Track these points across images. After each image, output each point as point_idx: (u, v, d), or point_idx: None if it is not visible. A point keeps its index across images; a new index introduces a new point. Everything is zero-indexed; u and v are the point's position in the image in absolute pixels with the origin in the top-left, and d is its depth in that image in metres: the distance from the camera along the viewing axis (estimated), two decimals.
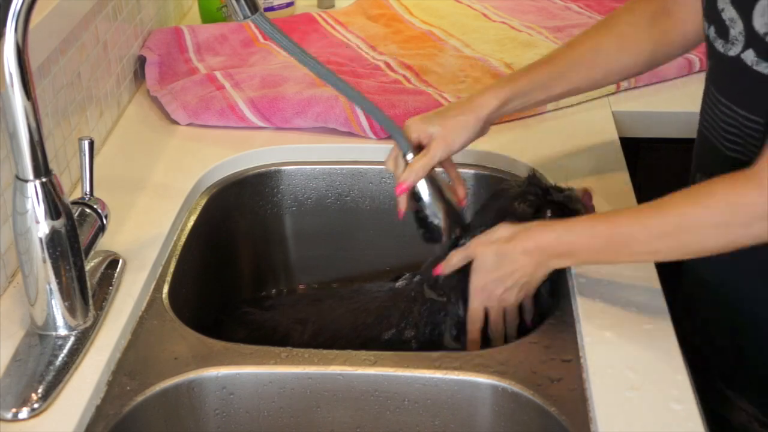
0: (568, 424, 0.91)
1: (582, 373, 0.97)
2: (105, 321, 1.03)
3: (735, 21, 0.99)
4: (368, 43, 1.74)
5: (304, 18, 1.88)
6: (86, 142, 1.05)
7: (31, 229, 0.93)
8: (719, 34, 1.02)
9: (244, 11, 1.01)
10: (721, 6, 1.01)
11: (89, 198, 1.08)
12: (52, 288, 0.96)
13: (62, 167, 1.24)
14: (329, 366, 1.00)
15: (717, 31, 1.02)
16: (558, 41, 1.73)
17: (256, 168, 1.39)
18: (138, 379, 0.97)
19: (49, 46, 1.16)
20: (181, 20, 1.91)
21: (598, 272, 1.09)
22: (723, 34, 1.01)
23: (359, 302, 1.21)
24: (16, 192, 0.93)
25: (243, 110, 1.45)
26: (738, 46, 0.99)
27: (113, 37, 1.46)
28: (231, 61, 1.65)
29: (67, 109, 1.26)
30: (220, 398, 1.01)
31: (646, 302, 1.05)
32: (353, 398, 1.00)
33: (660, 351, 0.98)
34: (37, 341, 0.98)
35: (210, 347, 1.02)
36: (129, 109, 1.52)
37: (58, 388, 0.93)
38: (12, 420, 0.89)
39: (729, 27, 1.00)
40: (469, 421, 1.00)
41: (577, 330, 1.02)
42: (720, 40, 1.02)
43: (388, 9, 1.92)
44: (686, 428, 0.88)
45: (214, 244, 1.33)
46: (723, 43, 1.02)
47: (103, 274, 1.08)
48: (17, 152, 0.91)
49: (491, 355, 1.01)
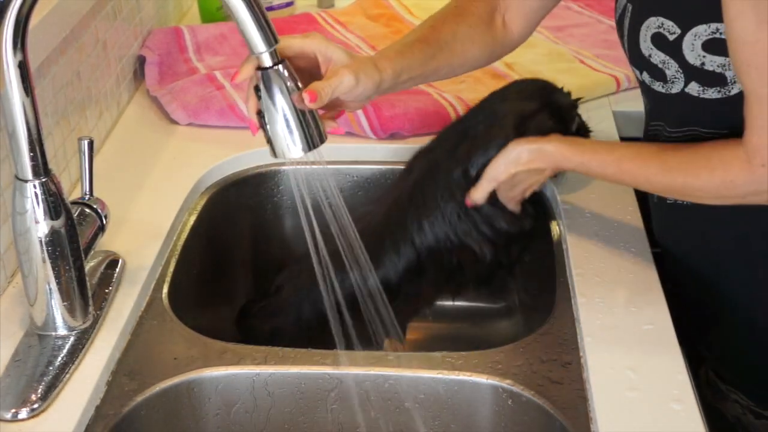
0: (568, 424, 0.91)
1: (582, 373, 0.97)
2: (105, 321, 1.03)
3: (667, 62, 1.03)
4: (368, 43, 1.74)
5: (304, 18, 1.88)
6: (86, 142, 1.05)
7: (30, 229, 0.93)
8: (655, 78, 1.05)
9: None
10: (647, 53, 1.04)
11: (89, 198, 1.08)
12: (51, 288, 0.96)
13: (62, 167, 1.24)
14: (329, 366, 1.00)
15: (652, 76, 1.06)
16: (558, 41, 1.73)
17: (256, 168, 1.39)
18: (138, 380, 0.97)
19: (48, 45, 1.16)
20: (181, 20, 1.91)
21: (598, 272, 1.09)
22: (660, 77, 1.05)
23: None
24: (15, 192, 0.93)
25: (243, 110, 1.45)
26: (678, 83, 1.03)
27: (113, 37, 1.46)
28: (231, 61, 1.65)
29: (67, 109, 1.26)
30: (220, 398, 1.00)
31: (646, 302, 1.05)
32: (353, 398, 1.00)
33: (660, 351, 0.97)
34: (36, 341, 0.98)
35: (210, 347, 1.02)
36: (128, 109, 1.52)
37: (57, 388, 0.93)
38: (12, 420, 0.89)
39: (663, 69, 1.04)
40: (469, 421, 1.00)
41: (577, 330, 1.02)
42: (658, 82, 1.06)
43: (388, 9, 1.92)
44: (686, 428, 0.88)
45: (214, 244, 1.32)
46: (662, 84, 1.05)
47: (103, 274, 1.08)
48: (16, 152, 0.90)
49: (491, 356, 1.01)
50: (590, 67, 1.59)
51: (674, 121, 1.08)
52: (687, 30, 0.99)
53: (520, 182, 1.13)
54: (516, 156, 1.11)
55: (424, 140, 1.40)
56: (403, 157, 1.39)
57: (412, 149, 1.39)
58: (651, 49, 1.04)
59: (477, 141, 1.16)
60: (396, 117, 1.40)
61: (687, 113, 1.06)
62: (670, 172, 1.01)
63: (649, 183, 1.05)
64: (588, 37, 1.75)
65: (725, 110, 0.99)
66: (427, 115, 1.42)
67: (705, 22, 0.97)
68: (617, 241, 1.15)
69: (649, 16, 1.03)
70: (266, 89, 0.93)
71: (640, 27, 1.04)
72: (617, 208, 1.21)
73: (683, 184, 1.01)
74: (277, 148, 0.95)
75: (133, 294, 1.07)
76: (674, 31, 1.00)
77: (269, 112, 0.93)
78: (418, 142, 1.40)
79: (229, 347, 1.03)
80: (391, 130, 1.40)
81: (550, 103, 1.18)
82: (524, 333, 1.07)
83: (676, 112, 1.08)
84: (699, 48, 0.99)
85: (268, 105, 0.93)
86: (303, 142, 0.95)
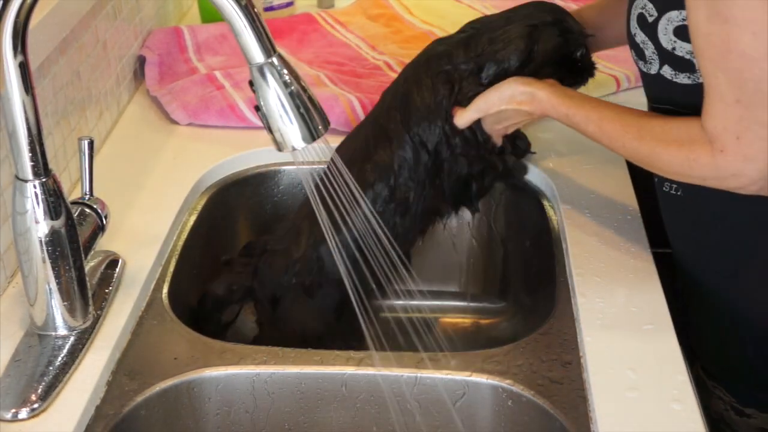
0: (568, 424, 0.91)
1: (582, 373, 0.97)
2: (105, 321, 1.03)
3: (646, 43, 1.06)
4: (368, 43, 1.74)
5: (304, 18, 1.88)
6: (86, 142, 1.05)
7: (30, 229, 0.93)
8: (638, 56, 1.09)
9: None
10: (633, 31, 1.08)
11: (89, 198, 1.08)
12: (51, 288, 0.96)
13: (62, 167, 1.24)
14: (329, 366, 1.00)
15: (636, 54, 1.10)
16: None
17: (256, 168, 1.39)
18: (138, 379, 0.97)
19: (48, 45, 1.16)
20: (181, 20, 1.91)
21: (598, 272, 1.09)
22: (641, 55, 1.08)
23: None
24: (15, 192, 0.93)
25: (243, 110, 1.45)
26: (655, 64, 1.06)
27: (113, 37, 1.46)
28: (231, 61, 1.65)
29: (67, 109, 1.26)
30: (220, 398, 1.00)
31: (646, 302, 1.05)
32: (353, 398, 1.00)
33: (660, 351, 0.97)
34: (36, 341, 0.98)
35: (210, 347, 1.02)
36: (129, 109, 1.52)
37: (57, 388, 0.93)
38: (12, 420, 0.89)
39: (643, 49, 1.07)
40: (469, 421, 1.00)
41: (577, 330, 1.02)
42: (641, 61, 1.09)
43: (388, 9, 1.92)
44: (686, 428, 0.88)
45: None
46: (643, 63, 1.09)
47: (103, 274, 1.08)
48: (16, 152, 0.90)
49: (491, 356, 1.01)
50: None
51: (656, 99, 1.12)
52: (662, 14, 1.03)
53: (507, 119, 1.18)
54: (509, 94, 1.15)
55: None
56: None
57: None
58: (636, 28, 1.07)
59: (491, 37, 1.20)
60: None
61: (664, 94, 1.09)
62: (643, 139, 1.03)
63: (624, 148, 1.07)
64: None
65: (696, 95, 1.00)
66: None
67: (677, 8, 1.00)
68: (617, 241, 1.15)
69: None
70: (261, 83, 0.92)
71: (632, 6, 1.08)
72: (617, 208, 1.21)
73: (650, 152, 1.03)
74: (279, 141, 0.94)
75: (133, 294, 1.07)
76: (653, 14, 1.04)
77: (267, 105, 0.92)
78: None
79: (229, 347, 1.03)
80: None
81: (561, 21, 1.21)
82: (524, 333, 1.07)
83: (656, 91, 1.11)
84: (671, 33, 1.02)
85: (265, 99, 0.92)
86: (305, 133, 0.94)
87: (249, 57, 0.90)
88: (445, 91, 1.18)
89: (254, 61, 0.90)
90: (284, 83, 0.91)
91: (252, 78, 0.91)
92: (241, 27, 0.88)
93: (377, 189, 1.18)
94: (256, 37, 0.88)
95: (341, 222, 1.08)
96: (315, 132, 0.93)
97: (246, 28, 0.88)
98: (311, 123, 0.93)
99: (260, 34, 0.88)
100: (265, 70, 0.90)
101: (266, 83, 0.90)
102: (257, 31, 0.88)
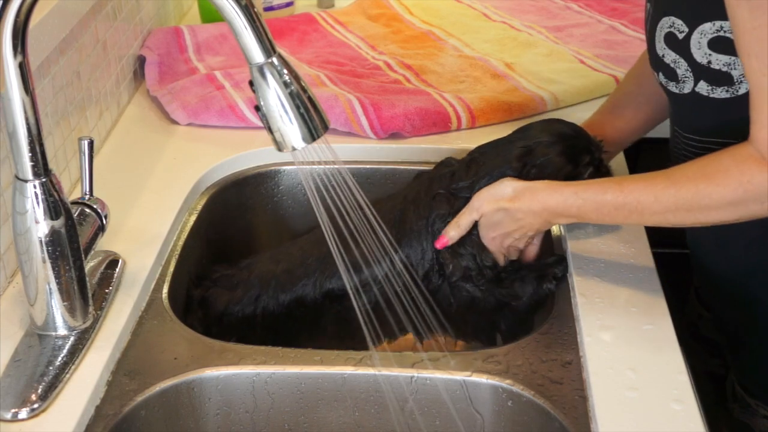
0: (568, 424, 0.91)
1: (582, 373, 0.97)
2: (105, 321, 1.03)
3: (678, 61, 1.03)
4: (368, 43, 1.74)
5: (303, 18, 1.88)
6: (86, 142, 1.05)
7: (30, 229, 0.93)
8: (669, 78, 1.06)
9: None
10: (661, 53, 1.05)
11: (89, 198, 1.08)
12: (51, 288, 0.96)
13: (62, 167, 1.24)
14: (329, 366, 1.00)
15: (666, 76, 1.06)
16: (558, 41, 1.73)
17: (256, 168, 1.39)
18: (138, 379, 0.97)
19: (48, 46, 1.16)
20: (181, 20, 1.91)
21: (598, 272, 1.09)
22: (672, 76, 1.05)
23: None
24: (15, 192, 0.93)
25: (243, 110, 1.45)
26: (689, 82, 1.03)
27: (113, 37, 1.46)
28: (231, 61, 1.65)
29: (67, 109, 1.26)
30: (220, 398, 1.00)
31: (646, 302, 1.05)
32: (353, 398, 1.00)
33: (660, 351, 0.97)
34: (36, 341, 0.98)
35: (210, 347, 1.02)
36: (129, 109, 1.52)
37: (57, 388, 0.93)
38: (12, 420, 0.89)
39: (675, 68, 1.04)
40: (469, 421, 1.00)
41: (577, 330, 1.02)
42: (671, 82, 1.06)
43: (388, 9, 1.92)
44: (686, 428, 0.88)
45: (214, 244, 1.32)
46: (675, 84, 1.05)
47: (103, 274, 1.08)
48: (16, 152, 0.90)
49: (491, 356, 1.01)
50: (590, 67, 1.60)
51: (688, 126, 1.08)
52: (694, 28, 1.00)
53: (502, 226, 1.08)
54: (501, 190, 1.07)
55: (424, 140, 1.41)
56: (402, 157, 1.40)
57: (412, 149, 1.40)
58: (664, 49, 1.04)
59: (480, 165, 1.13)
60: (396, 117, 1.40)
61: (697, 115, 1.05)
62: (678, 183, 0.96)
63: (658, 203, 0.97)
64: (588, 37, 1.75)
65: (734, 109, 0.98)
66: (427, 115, 1.42)
67: (710, 20, 0.98)
68: (617, 241, 1.15)
69: (662, 16, 1.04)
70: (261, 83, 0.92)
71: (656, 27, 1.05)
72: None
73: (694, 194, 0.94)
74: (279, 141, 0.94)
75: (133, 294, 1.07)
76: (683, 30, 1.01)
77: (267, 105, 0.92)
78: (418, 142, 1.40)
79: (229, 347, 1.03)
80: (391, 130, 1.40)
81: (566, 139, 1.12)
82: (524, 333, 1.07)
83: (689, 114, 1.07)
84: (705, 46, 1.00)
85: (265, 99, 0.92)
86: (305, 133, 0.94)
87: (249, 57, 0.90)
88: (442, 210, 1.13)
89: (254, 61, 0.90)
90: (284, 83, 0.91)
91: (252, 78, 0.91)
92: (241, 27, 0.88)
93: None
94: (256, 37, 0.88)
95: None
96: (315, 132, 0.93)
97: (246, 28, 0.88)
98: (311, 123, 0.93)
99: (260, 34, 0.88)
100: (265, 70, 0.90)
101: (266, 83, 0.90)
102: (257, 31, 0.88)
